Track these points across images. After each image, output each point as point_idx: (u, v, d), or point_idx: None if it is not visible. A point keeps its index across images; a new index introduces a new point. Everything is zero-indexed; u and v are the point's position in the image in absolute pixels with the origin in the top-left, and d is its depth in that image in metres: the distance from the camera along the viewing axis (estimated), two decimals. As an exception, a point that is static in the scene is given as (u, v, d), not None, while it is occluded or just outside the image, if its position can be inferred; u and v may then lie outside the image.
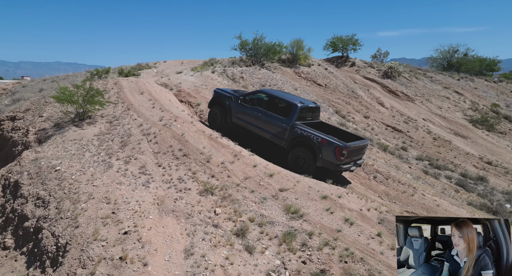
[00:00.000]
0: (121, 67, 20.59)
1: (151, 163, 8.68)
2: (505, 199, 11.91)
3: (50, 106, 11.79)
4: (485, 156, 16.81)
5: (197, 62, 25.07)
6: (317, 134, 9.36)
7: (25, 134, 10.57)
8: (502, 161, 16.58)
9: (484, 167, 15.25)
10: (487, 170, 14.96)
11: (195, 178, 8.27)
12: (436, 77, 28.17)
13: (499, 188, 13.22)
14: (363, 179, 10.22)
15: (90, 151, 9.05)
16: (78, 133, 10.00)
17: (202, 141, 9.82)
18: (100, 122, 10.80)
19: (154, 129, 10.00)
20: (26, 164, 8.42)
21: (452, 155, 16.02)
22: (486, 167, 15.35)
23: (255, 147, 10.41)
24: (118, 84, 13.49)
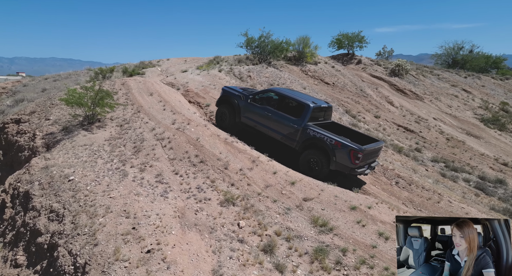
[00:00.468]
0: (125, 66, 20.05)
1: (167, 170, 8.23)
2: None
3: (57, 109, 11.29)
4: (500, 157, 16.46)
5: (201, 60, 24.54)
6: (331, 136, 8.99)
7: (32, 139, 10.08)
8: None
9: (501, 169, 14.89)
10: (504, 172, 14.61)
11: (215, 187, 7.84)
12: (443, 75, 27.74)
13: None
14: (384, 185, 9.82)
15: (102, 157, 8.59)
16: (88, 138, 9.53)
17: (218, 146, 9.38)
18: (110, 126, 10.33)
19: (168, 134, 9.54)
20: (36, 172, 7.96)
21: (468, 156, 15.66)
22: (503, 169, 14.99)
23: (266, 148, 10.05)
24: (126, 84, 12.98)
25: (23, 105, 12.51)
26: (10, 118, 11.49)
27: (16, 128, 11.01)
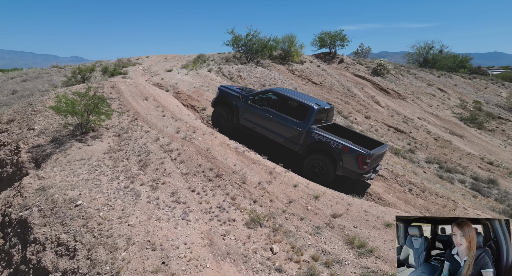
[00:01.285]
0: (105, 65, 18.54)
1: (183, 187, 7.38)
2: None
3: (41, 117, 9.98)
4: (485, 155, 16.85)
5: (183, 58, 23.37)
6: (337, 140, 8.56)
7: (15, 152, 8.80)
8: (502, 161, 16.65)
9: (488, 168, 15.22)
10: (492, 171, 14.94)
11: (236, 205, 7.11)
12: (419, 74, 28.29)
13: (509, 190, 13.19)
14: (398, 192, 9.50)
15: (105, 173, 7.57)
16: (84, 151, 8.43)
17: (231, 156, 8.63)
18: (107, 136, 9.25)
19: (176, 145, 8.64)
20: (30, 195, 6.84)
21: (457, 156, 15.87)
22: (490, 168, 15.33)
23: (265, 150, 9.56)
24: (116, 88, 11.80)
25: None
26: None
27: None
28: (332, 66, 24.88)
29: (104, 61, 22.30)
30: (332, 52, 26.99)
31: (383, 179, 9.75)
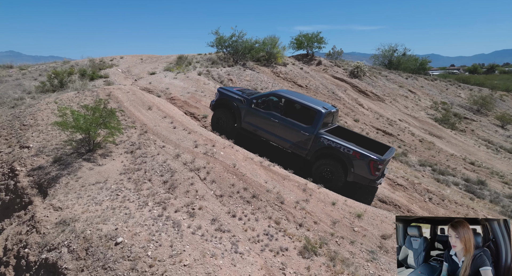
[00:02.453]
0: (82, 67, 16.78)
1: (221, 212, 6.61)
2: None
3: (34, 132, 8.61)
4: (466, 156, 17.55)
5: (160, 58, 22.02)
6: (348, 146, 8.25)
7: (10, 176, 7.46)
8: (480, 161, 17.47)
9: (473, 169, 15.85)
10: (477, 172, 15.59)
11: (283, 230, 6.48)
12: (390, 76, 29.13)
13: (497, 191, 13.82)
14: (420, 202, 9.39)
15: (130, 199, 6.59)
16: (98, 172, 7.34)
17: (259, 172, 7.96)
18: (117, 153, 8.17)
19: (201, 162, 7.80)
20: (50, 231, 5.72)
21: (443, 157, 16.37)
22: (474, 169, 15.94)
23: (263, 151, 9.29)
24: (113, 96, 10.56)
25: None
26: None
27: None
28: (311, 68, 24.77)
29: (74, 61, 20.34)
30: (310, 54, 26.89)
31: (403, 188, 9.62)
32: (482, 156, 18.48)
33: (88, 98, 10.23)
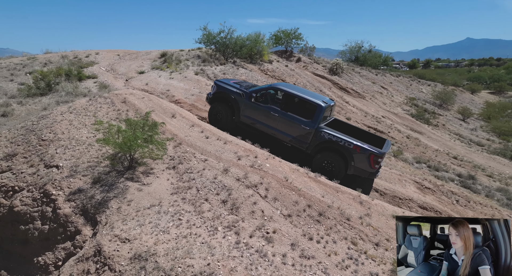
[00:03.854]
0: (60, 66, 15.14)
1: (297, 235, 6.21)
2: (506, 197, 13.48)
3: (58, 148, 7.54)
4: (449, 151, 18.68)
5: (138, 54, 20.67)
6: (349, 140, 8.42)
7: (46, 202, 6.51)
8: (461, 155, 18.70)
9: (459, 164, 16.94)
10: (462, 166, 16.69)
11: (364, 252, 6.15)
12: (363, 73, 30.10)
13: (487, 185, 14.88)
14: (448, 205, 9.71)
15: (195, 224, 6.03)
16: (148, 194, 6.64)
17: (311, 185, 7.69)
18: (159, 169, 7.46)
19: (255, 178, 7.35)
20: (127, 268, 5.02)
21: (432, 153, 17.23)
22: (460, 164, 17.02)
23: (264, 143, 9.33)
24: (129, 103, 9.60)
25: None
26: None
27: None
28: (295, 65, 24.73)
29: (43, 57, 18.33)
30: (289, 51, 26.82)
31: (431, 192, 9.92)
32: (460, 150, 19.82)
33: (104, 106, 9.21)
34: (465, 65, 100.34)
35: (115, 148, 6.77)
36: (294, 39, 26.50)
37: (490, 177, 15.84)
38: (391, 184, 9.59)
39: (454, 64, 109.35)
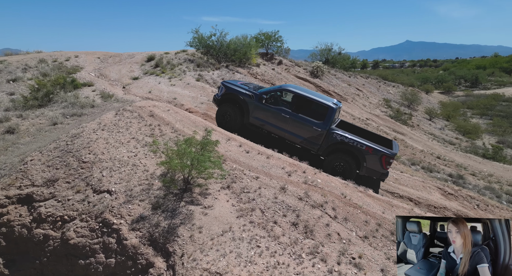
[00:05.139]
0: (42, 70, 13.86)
1: (381, 258, 6.00)
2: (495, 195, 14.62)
3: (101, 170, 6.86)
4: (431, 151, 19.81)
5: (121, 57, 19.61)
6: (361, 141, 8.65)
7: (107, 232, 5.94)
8: (443, 154, 19.81)
9: (444, 164, 18.08)
10: (448, 166, 17.85)
11: None
12: (338, 75, 30.97)
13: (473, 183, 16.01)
14: (471, 210, 10.00)
15: (276, 251, 5.78)
16: (214, 218, 6.27)
17: (367, 201, 7.57)
18: (214, 189, 7.09)
19: (317, 196, 7.14)
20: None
21: (420, 154, 18.12)
22: (446, 163, 18.14)
23: None
24: (157, 116, 9.01)
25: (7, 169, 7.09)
26: (2, 195, 6.35)
27: (36, 214, 6.21)
28: (280, 68, 24.81)
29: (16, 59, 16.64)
30: (270, 53, 26.90)
31: (454, 197, 10.38)
32: (439, 149, 21.12)
33: (134, 121, 8.57)
34: (409, 66, 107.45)
35: (183, 171, 6.37)
36: (274, 42, 26.59)
37: (473, 175, 17.09)
38: (419, 191, 10.01)
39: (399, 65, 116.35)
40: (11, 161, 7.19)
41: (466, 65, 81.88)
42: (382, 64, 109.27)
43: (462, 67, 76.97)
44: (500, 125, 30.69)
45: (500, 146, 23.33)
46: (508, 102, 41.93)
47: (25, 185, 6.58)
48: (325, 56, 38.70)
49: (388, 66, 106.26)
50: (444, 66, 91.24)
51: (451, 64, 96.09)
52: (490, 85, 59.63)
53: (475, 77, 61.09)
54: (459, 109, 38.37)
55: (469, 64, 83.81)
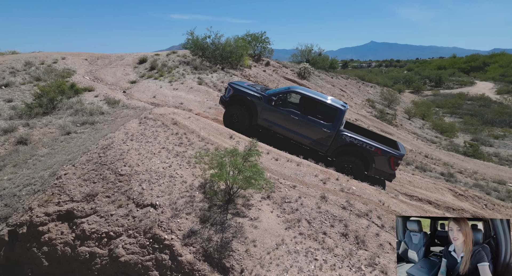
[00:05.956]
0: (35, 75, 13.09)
1: None
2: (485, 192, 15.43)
3: (140, 183, 6.58)
4: (419, 150, 20.63)
5: (110, 58, 18.88)
6: (370, 143, 8.90)
7: (159, 248, 5.72)
8: (429, 153, 20.60)
9: (433, 162, 18.89)
10: (437, 165, 18.66)
11: None
12: (322, 76, 31.51)
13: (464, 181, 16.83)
14: (481, 209, 10.20)
15: (334, 264, 5.69)
16: (265, 231, 6.15)
17: (403, 207, 7.61)
18: (255, 200, 6.97)
19: (360, 205, 7.05)
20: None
21: (412, 154, 18.95)
22: (434, 162, 18.94)
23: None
24: (181, 124, 8.74)
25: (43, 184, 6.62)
26: (41, 212, 5.96)
27: (79, 231, 5.88)
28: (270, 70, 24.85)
29: None
30: (257, 54, 26.90)
31: (464, 198, 10.76)
32: (425, 148, 21.98)
33: (159, 129, 8.29)
34: (375, 66, 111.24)
35: (232, 182, 6.27)
36: (261, 43, 26.63)
37: (461, 173, 17.97)
38: (433, 193, 10.41)
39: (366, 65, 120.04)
40: (40, 175, 6.76)
41: (428, 66, 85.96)
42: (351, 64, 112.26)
43: (424, 68, 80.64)
44: (471, 123, 32.48)
45: (476, 144, 24.70)
46: (472, 101, 44.46)
47: (64, 201, 6.21)
48: (305, 57, 39.27)
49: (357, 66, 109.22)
50: (408, 66, 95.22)
51: (413, 64, 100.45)
52: (452, 84, 62.82)
53: (438, 77, 64.13)
54: (432, 109, 40.16)
55: (430, 65, 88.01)
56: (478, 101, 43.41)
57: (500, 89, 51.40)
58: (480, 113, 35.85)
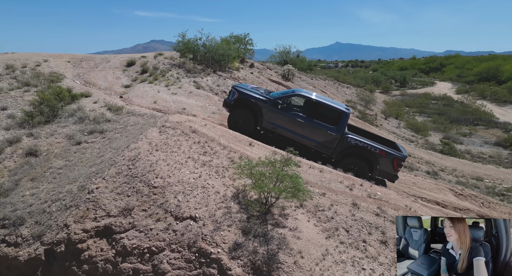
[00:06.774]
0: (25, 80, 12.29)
1: None
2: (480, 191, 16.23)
3: (175, 195, 6.32)
4: (402, 150, 21.41)
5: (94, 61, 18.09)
6: (374, 145, 9.19)
7: (206, 263, 5.53)
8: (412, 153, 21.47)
9: (418, 161, 19.71)
10: (421, 163, 19.51)
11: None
12: (303, 77, 31.89)
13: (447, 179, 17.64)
14: (479, 207, 10.47)
15: (383, 273, 5.79)
16: (308, 241, 6.09)
17: (429, 212, 7.97)
18: (290, 209, 6.99)
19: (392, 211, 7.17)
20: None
21: (397, 154, 19.58)
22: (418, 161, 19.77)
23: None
24: (200, 132, 8.49)
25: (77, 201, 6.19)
26: (78, 229, 5.61)
27: (120, 247, 5.61)
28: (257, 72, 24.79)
29: None
30: (241, 56, 26.77)
31: (464, 197, 11.12)
32: (407, 148, 23.00)
33: (180, 138, 8.04)
34: (342, 67, 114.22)
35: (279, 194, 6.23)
36: (243, 45, 26.55)
37: (442, 171, 18.91)
38: (437, 193, 10.86)
39: (333, 65, 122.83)
40: (67, 190, 6.36)
41: (391, 67, 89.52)
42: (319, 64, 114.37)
43: (388, 68, 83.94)
44: (440, 122, 34.19)
45: (450, 142, 26.05)
46: (437, 100, 46.80)
47: (101, 216, 5.89)
48: (283, 58, 39.59)
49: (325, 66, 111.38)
50: (373, 67, 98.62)
51: (377, 65, 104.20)
52: (415, 84, 65.79)
53: (403, 78, 66.95)
54: (402, 108, 41.83)
55: (393, 66, 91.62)
56: (442, 101, 45.69)
57: (458, 89, 54.49)
58: (446, 113, 37.75)
